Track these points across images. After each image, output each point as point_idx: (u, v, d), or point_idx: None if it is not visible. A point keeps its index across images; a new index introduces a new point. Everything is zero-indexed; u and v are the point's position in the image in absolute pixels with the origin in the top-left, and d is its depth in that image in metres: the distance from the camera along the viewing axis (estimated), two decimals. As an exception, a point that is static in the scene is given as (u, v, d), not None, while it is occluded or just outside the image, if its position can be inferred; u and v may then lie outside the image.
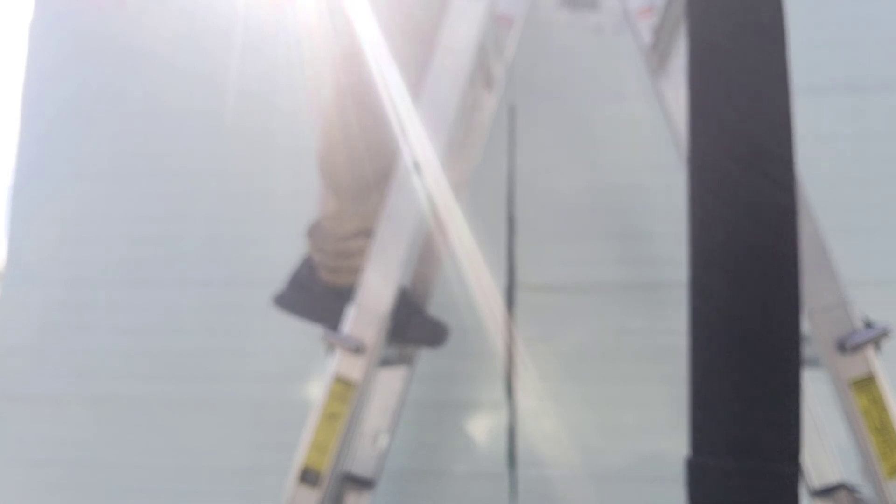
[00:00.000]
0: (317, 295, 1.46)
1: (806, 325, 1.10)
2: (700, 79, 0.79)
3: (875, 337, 1.05)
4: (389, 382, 1.46)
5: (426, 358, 1.54)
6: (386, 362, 1.34)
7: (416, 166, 1.22)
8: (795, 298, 0.71)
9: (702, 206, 0.76)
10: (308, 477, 1.14)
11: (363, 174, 1.36)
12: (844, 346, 1.05)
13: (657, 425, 1.75)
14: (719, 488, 0.70)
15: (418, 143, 1.23)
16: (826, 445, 1.32)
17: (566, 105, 1.98)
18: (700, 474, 0.71)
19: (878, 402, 1.03)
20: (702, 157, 0.77)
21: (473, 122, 1.62)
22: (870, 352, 1.05)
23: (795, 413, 0.69)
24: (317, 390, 1.19)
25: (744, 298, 0.72)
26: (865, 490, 1.11)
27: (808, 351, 1.17)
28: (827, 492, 1.28)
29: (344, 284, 1.37)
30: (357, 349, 1.16)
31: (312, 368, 1.82)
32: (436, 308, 1.56)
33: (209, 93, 2.05)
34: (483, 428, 1.84)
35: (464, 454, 1.84)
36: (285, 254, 1.51)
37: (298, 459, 1.15)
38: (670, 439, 1.73)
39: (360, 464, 1.41)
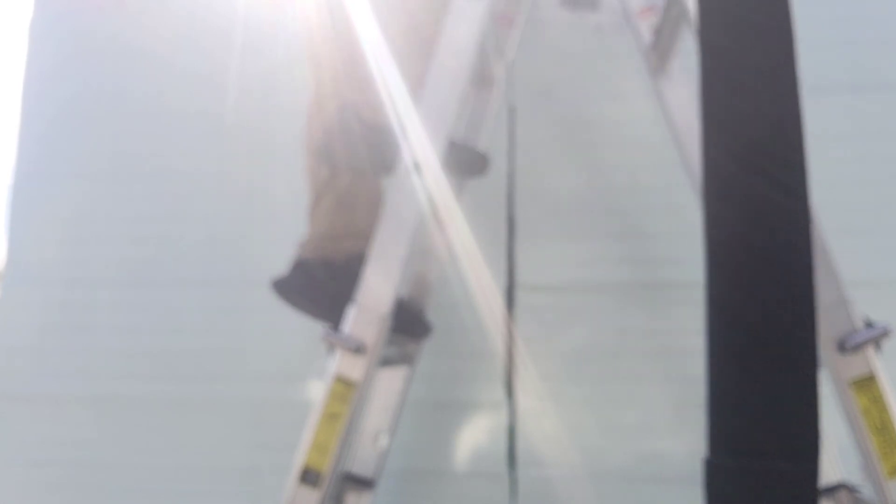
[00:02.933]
0: (320, 280, 1.41)
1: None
2: (709, 83, 0.78)
3: (875, 337, 1.05)
4: (389, 382, 1.47)
5: (426, 358, 1.54)
6: (386, 362, 1.34)
7: (416, 166, 1.22)
8: (808, 302, 0.71)
9: (712, 212, 0.75)
10: (308, 477, 1.14)
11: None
12: (845, 346, 1.05)
13: (657, 425, 1.76)
14: (736, 488, 0.70)
15: (418, 143, 1.22)
16: (826, 445, 1.31)
17: (566, 105, 1.97)
18: (717, 475, 0.71)
19: (878, 402, 1.03)
20: (712, 162, 0.76)
21: (473, 122, 1.61)
22: (870, 352, 1.05)
23: (812, 413, 0.69)
24: (317, 390, 1.19)
25: (753, 303, 0.72)
26: (866, 490, 1.11)
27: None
28: (827, 491, 1.28)
29: (349, 253, 1.34)
30: (357, 349, 1.16)
31: (312, 368, 1.82)
32: (436, 308, 1.56)
33: (209, 93, 2.05)
34: (483, 428, 1.84)
35: (464, 454, 1.84)
36: (285, 254, 1.51)
37: (299, 459, 1.15)
38: (670, 439, 1.74)
39: (361, 464, 1.41)
